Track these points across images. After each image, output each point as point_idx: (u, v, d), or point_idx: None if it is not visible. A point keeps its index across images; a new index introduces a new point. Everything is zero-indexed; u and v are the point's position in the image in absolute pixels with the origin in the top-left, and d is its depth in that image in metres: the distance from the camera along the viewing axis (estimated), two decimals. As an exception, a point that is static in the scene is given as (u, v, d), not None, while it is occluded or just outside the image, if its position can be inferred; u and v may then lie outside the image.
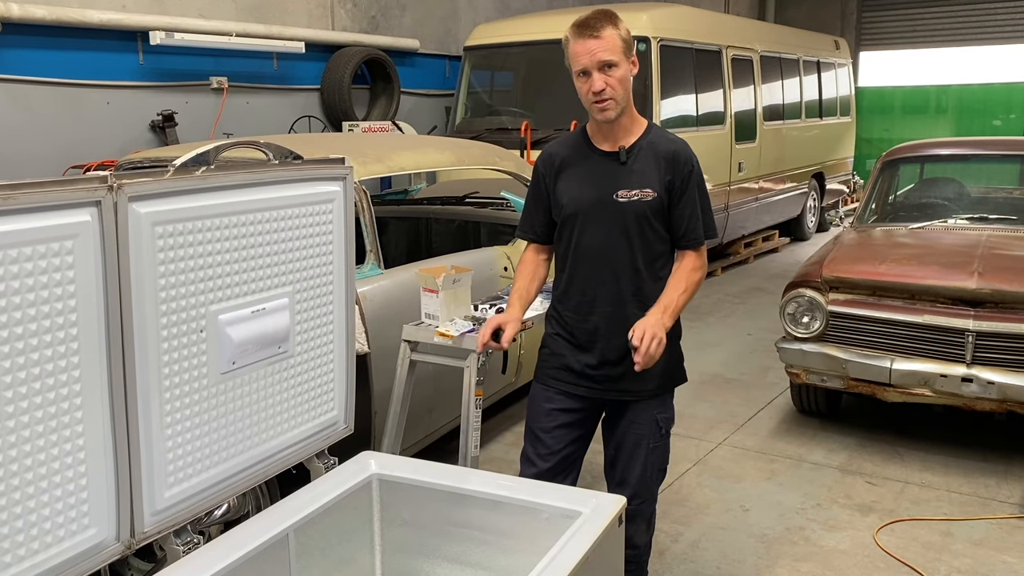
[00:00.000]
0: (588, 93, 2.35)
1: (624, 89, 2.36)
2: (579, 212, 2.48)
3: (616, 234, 2.45)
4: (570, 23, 2.40)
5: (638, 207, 2.43)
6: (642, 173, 2.43)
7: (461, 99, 8.24)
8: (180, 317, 1.79)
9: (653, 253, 2.48)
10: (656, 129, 2.53)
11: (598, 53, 2.30)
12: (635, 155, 2.45)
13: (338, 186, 2.19)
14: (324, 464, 2.27)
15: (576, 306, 2.55)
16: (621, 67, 2.33)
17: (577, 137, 2.57)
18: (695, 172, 2.48)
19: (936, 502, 3.90)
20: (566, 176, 2.52)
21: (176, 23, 6.35)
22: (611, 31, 2.32)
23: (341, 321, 2.27)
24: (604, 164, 2.48)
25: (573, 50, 2.35)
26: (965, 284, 4.11)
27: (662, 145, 2.47)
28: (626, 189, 2.43)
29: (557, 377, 2.60)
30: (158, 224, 1.72)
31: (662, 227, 2.48)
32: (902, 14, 14.42)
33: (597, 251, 2.48)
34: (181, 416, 1.84)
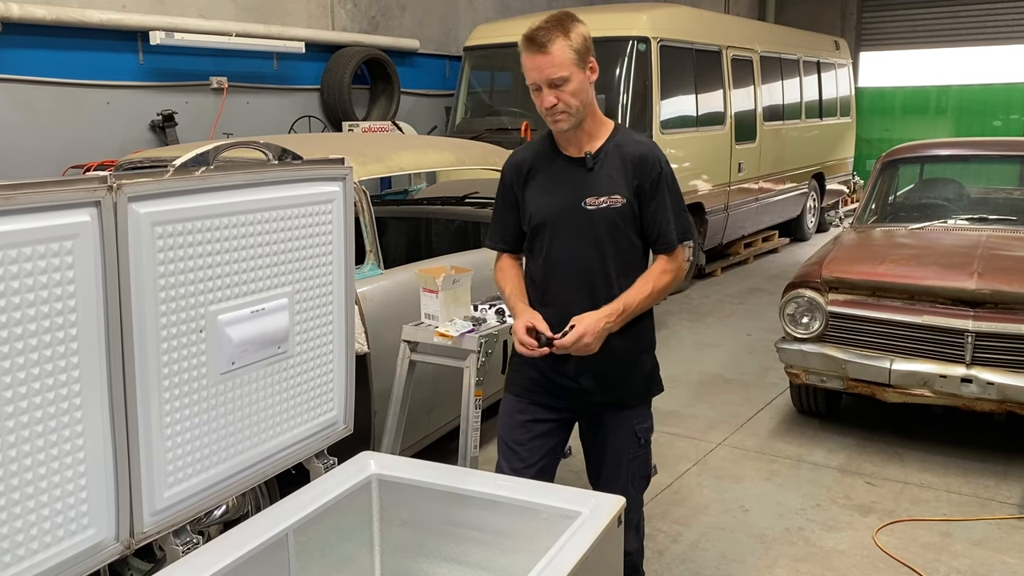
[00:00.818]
0: (541, 106, 2.30)
1: (579, 100, 2.29)
2: (548, 221, 2.41)
3: (587, 243, 2.39)
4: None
5: (607, 214, 2.36)
6: (609, 179, 2.37)
7: (461, 99, 8.24)
8: (180, 317, 1.79)
9: (626, 260, 2.42)
10: (623, 131, 2.46)
11: (546, 70, 2.23)
12: (601, 160, 2.38)
13: (338, 186, 2.19)
14: (323, 464, 2.27)
15: (549, 317, 2.42)
16: (573, 80, 2.25)
17: (544, 142, 2.49)
18: (664, 173, 2.41)
19: (935, 503, 3.91)
20: (533, 184, 2.45)
21: (176, 23, 6.36)
22: (560, 44, 2.22)
23: (341, 321, 2.27)
24: (570, 171, 2.40)
25: (523, 63, 2.28)
26: (965, 285, 4.12)
27: (629, 148, 2.40)
28: (594, 196, 2.36)
29: (531, 388, 2.53)
30: (158, 224, 1.72)
31: (634, 233, 2.41)
32: (902, 14, 14.43)
33: (569, 261, 2.41)
34: (181, 416, 1.84)
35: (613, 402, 2.51)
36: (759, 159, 9.37)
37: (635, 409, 2.55)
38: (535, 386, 2.53)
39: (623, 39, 7.47)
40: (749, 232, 9.70)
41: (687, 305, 7.81)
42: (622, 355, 2.46)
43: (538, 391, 2.52)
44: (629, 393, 2.52)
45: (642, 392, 2.56)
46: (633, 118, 7.34)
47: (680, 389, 5.51)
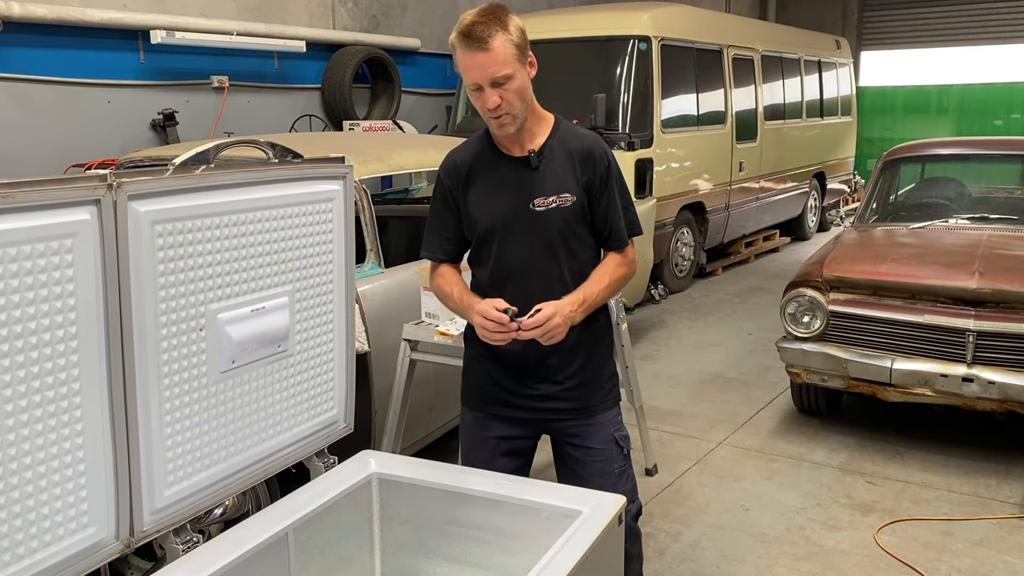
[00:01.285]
0: (483, 107, 2.12)
1: (522, 100, 2.13)
2: (496, 226, 2.24)
3: (539, 247, 2.23)
4: (454, 28, 2.10)
5: (558, 215, 2.22)
6: (556, 177, 2.22)
7: (462, 98, 8.23)
8: (180, 316, 1.79)
9: (580, 261, 2.27)
10: (564, 125, 2.30)
11: (489, 68, 2.05)
12: (547, 158, 2.23)
13: (338, 185, 2.19)
14: (324, 463, 2.27)
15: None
16: (516, 78, 2.09)
17: (481, 142, 2.30)
18: (612, 167, 2.28)
19: (936, 502, 3.90)
20: (475, 188, 2.27)
21: (177, 22, 6.36)
22: (501, 39, 2.05)
23: (341, 320, 2.26)
24: (515, 171, 2.23)
25: (461, 62, 2.09)
26: (966, 284, 4.11)
27: (573, 142, 2.25)
28: (542, 196, 2.21)
29: (488, 401, 2.37)
30: (158, 223, 1.72)
31: (586, 231, 2.28)
32: (903, 14, 14.42)
33: (521, 268, 2.24)
34: (181, 415, 1.84)
35: (581, 408, 2.34)
36: (760, 158, 9.37)
37: (608, 414, 2.38)
38: (493, 399, 2.36)
39: (624, 38, 7.46)
40: (750, 231, 9.69)
41: (688, 304, 7.81)
42: (584, 353, 2.32)
43: (497, 403, 2.35)
44: (596, 396, 2.36)
45: (608, 394, 2.40)
46: (634, 117, 7.34)
47: (681, 388, 5.51)
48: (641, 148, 7.23)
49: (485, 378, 2.36)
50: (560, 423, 2.35)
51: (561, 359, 2.28)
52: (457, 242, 2.36)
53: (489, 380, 2.35)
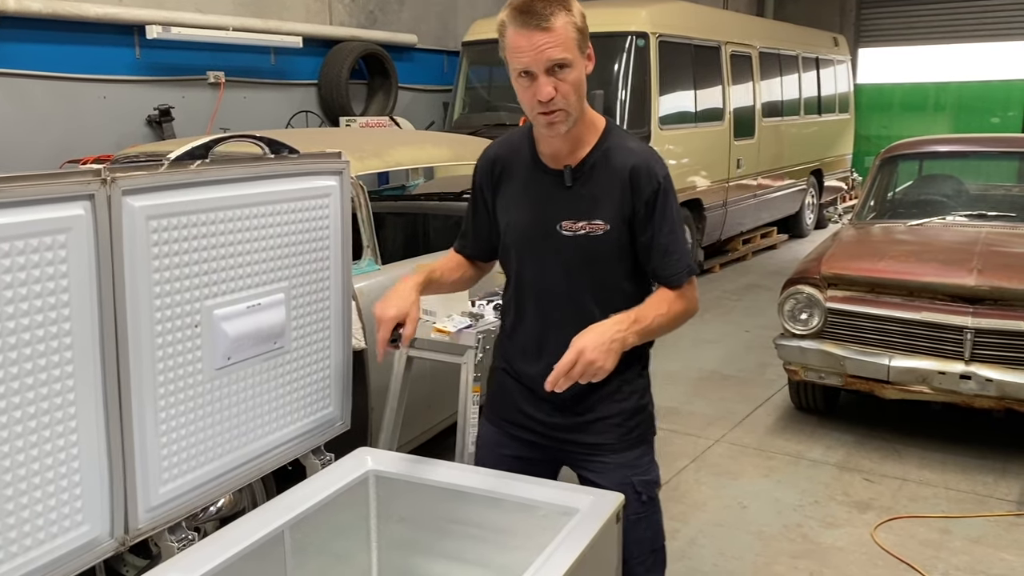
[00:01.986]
0: (532, 100, 1.81)
1: (578, 96, 1.83)
2: (516, 242, 2.03)
3: (560, 273, 1.98)
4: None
5: (585, 244, 1.94)
6: (592, 200, 1.93)
7: (459, 94, 8.22)
8: (174, 312, 1.78)
9: (611, 291, 1.99)
10: (615, 134, 1.99)
11: (547, 50, 1.75)
12: (586, 175, 1.94)
13: (334, 180, 2.17)
14: (320, 460, 2.26)
15: (523, 348, 2.11)
16: (575, 67, 1.80)
17: (523, 140, 2.04)
18: (662, 190, 1.93)
19: (934, 499, 3.90)
20: (505, 190, 2.05)
21: (173, 17, 6.33)
22: (564, 19, 1.76)
23: (338, 317, 2.25)
24: (547, 184, 1.97)
25: (513, 43, 1.78)
26: (964, 281, 4.11)
27: (620, 160, 1.93)
28: (571, 220, 1.94)
29: (507, 419, 2.19)
30: (152, 218, 1.70)
31: (620, 264, 1.99)
32: (901, 11, 14.41)
33: (541, 290, 2.02)
34: (176, 412, 1.82)
35: (596, 444, 2.11)
36: (758, 155, 9.36)
37: (627, 455, 2.12)
38: (509, 416, 2.19)
39: (622, 34, 7.45)
40: (748, 228, 9.69)
41: (685, 301, 7.79)
42: (606, 386, 2.05)
43: (513, 423, 2.18)
44: (613, 433, 2.10)
45: (629, 434, 2.12)
46: (632, 114, 7.32)
47: (678, 385, 5.50)
48: (639, 145, 7.21)
49: (504, 395, 2.19)
50: (575, 456, 2.15)
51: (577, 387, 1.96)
52: (485, 242, 2.16)
53: (508, 398, 2.18)
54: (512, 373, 2.17)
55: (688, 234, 8.24)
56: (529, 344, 2.08)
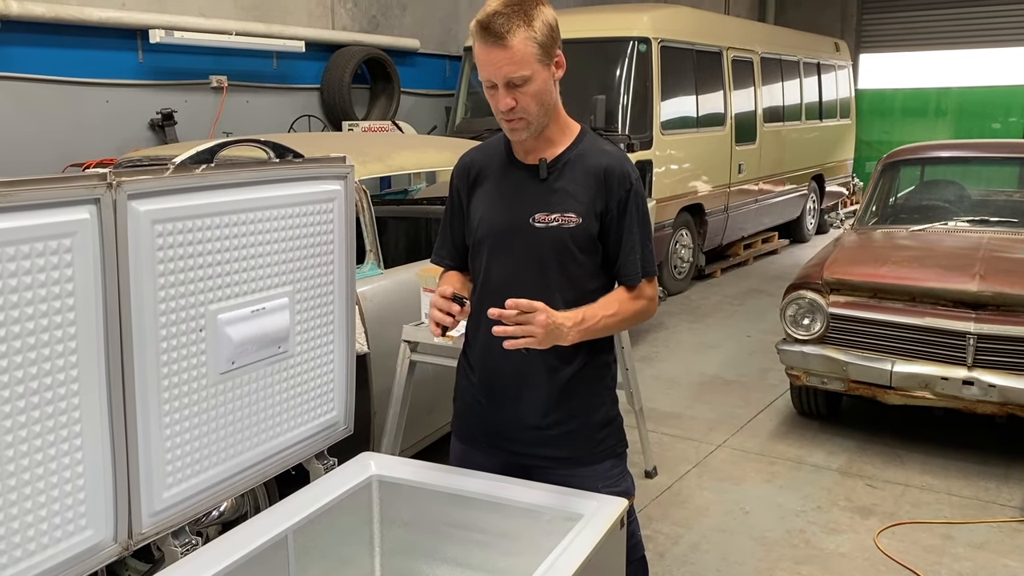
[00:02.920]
0: (496, 108, 1.92)
1: (539, 104, 1.91)
2: (488, 237, 2.05)
3: (530, 267, 2.01)
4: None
5: (557, 235, 1.98)
6: (565, 193, 1.99)
7: (461, 99, 8.23)
8: (179, 316, 1.78)
9: (579, 291, 2.02)
10: (589, 138, 2.07)
11: (504, 67, 1.85)
12: (559, 170, 2.00)
13: (339, 185, 2.17)
14: (324, 465, 2.26)
15: (485, 352, 2.09)
16: (535, 80, 1.88)
17: (499, 144, 2.10)
18: (634, 191, 2.01)
19: (936, 505, 3.89)
20: (480, 191, 2.08)
21: (176, 21, 6.34)
22: (522, 35, 1.84)
23: (341, 321, 2.25)
24: (521, 180, 2.03)
25: (477, 56, 1.90)
26: (967, 287, 4.10)
27: (593, 159, 2.01)
28: (544, 212, 1.98)
29: (475, 434, 2.19)
30: (158, 222, 1.71)
31: (591, 260, 2.03)
32: (902, 17, 14.43)
33: (507, 287, 1.98)
34: (180, 416, 1.82)
35: (563, 458, 2.11)
36: (759, 160, 9.37)
37: (597, 468, 2.12)
38: (477, 429, 2.18)
39: (624, 39, 7.46)
40: (749, 233, 9.69)
41: (687, 306, 7.80)
42: (572, 396, 2.07)
43: (477, 437, 2.18)
44: (583, 446, 2.10)
45: (599, 446, 2.12)
46: (633, 119, 7.33)
47: (680, 390, 5.50)
48: (641, 149, 7.23)
49: (470, 409, 2.18)
50: (544, 469, 2.12)
51: (543, 397, 2.07)
52: (464, 249, 2.17)
53: (474, 412, 2.17)
54: (475, 383, 2.15)
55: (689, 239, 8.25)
56: (492, 348, 2.00)
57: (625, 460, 2.22)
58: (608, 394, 2.16)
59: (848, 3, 14.69)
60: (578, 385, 2.09)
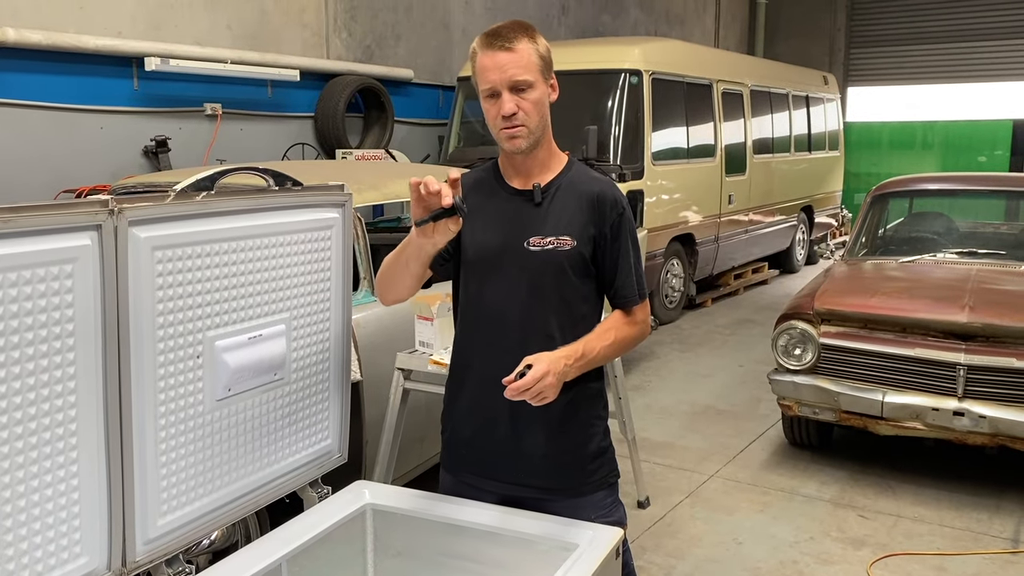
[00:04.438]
0: (496, 118, 1.95)
1: (539, 115, 1.97)
2: (481, 262, 2.04)
3: (525, 291, 2.00)
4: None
5: (553, 258, 1.99)
6: (559, 217, 2.01)
7: (454, 128, 8.29)
8: (177, 343, 1.78)
9: (573, 316, 2.04)
10: (578, 166, 2.11)
11: (510, 70, 1.91)
12: (552, 195, 2.03)
13: (337, 212, 2.19)
14: (318, 493, 2.25)
15: (477, 380, 2.07)
16: (537, 88, 1.94)
17: (486, 171, 2.14)
18: (625, 217, 2.06)
19: (929, 536, 3.89)
20: (471, 217, 2.01)
21: (172, 50, 6.38)
22: (527, 44, 1.94)
23: (337, 348, 2.25)
24: (514, 204, 2.04)
25: (480, 64, 1.95)
26: (956, 318, 4.14)
27: (585, 185, 2.04)
28: (539, 236, 1.99)
29: (463, 465, 2.16)
30: (158, 248, 1.71)
31: (585, 285, 2.05)
32: (889, 51, 14.67)
33: (501, 311, 2.01)
34: (176, 443, 1.82)
35: (554, 488, 2.09)
36: (749, 191, 9.44)
37: (590, 499, 2.11)
38: (465, 462, 2.15)
39: (616, 71, 7.55)
40: (739, 263, 9.74)
41: (678, 335, 7.81)
42: (563, 425, 2.07)
43: (469, 469, 2.15)
44: (575, 476, 2.10)
45: (591, 476, 2.12)
46: (625, 149, 7.40)
47: (672, 420, 5.50)
48: (632, 180, 7.29)
49: (458, 436, 2.15)
50: (535, 501, 2.10)
51: (534, 428, 2.05)
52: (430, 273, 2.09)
53: (462, 439, 2.14)
54: (464, 410, 2.13)
55: (680, 268, 8.29)
56: (484, 374, 2.02)
57: (617, 490, 2.22)
58: (600, 424, 2.16)
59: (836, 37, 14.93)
60: (571, 414, 2.08)
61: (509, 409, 2.02)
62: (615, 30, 11.76)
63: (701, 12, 14.16)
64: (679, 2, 13.46)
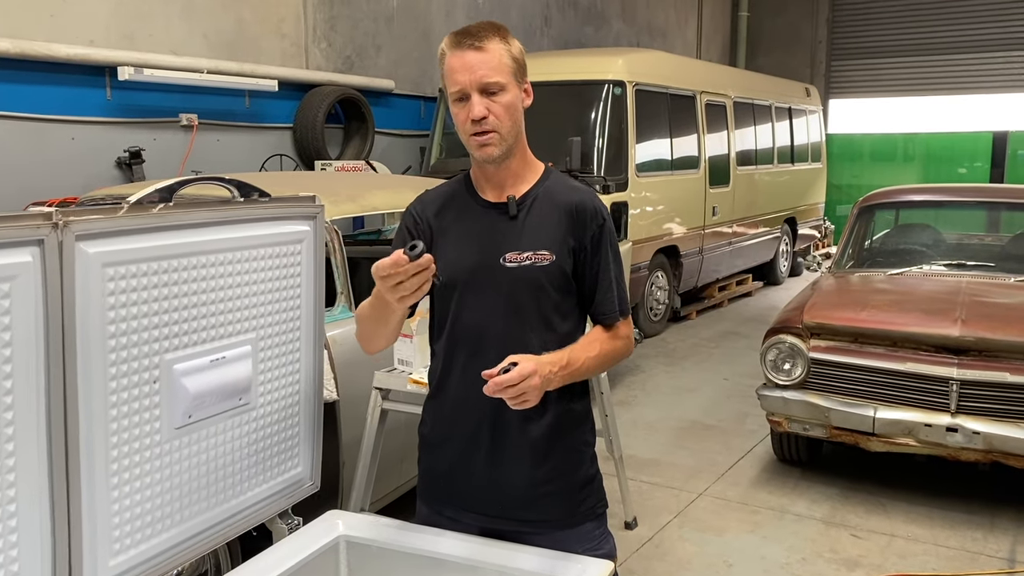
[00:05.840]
0: (466, 122, 1.80)
1: (512, 120, 1.82)
2: (456, 281, 1.89)
3: (503, 309, 1.87)
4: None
5: (531, 274, 1.86)
6: (537, 230, 1.87)
7: (436, 139, 8.18)
8: (131, 367, 1.64)
9: (555, 334, 1.90)
10: (555, 175, 1.98)
11: (479, 70, 1.78)
12: (528, 207, 1.90)
13: (308, 225, 2.06)
14: (288, 524, 2.11)
15: (454, 404, 1.94)
16: (509, 91, 1.80)
17: (457, 184, 1.99)
18: (606, 228, 1.92)
19: (923, 556, 3.79)
20: (442, 234, 1.92)
21: (146, 59, 6.23)
22: (499, 45, 1.81)
23: (309, 370, 2.12)
24: (489, 218, 1.90)
25: (449, 65, 1.83)
26: (948, 332, 4.06)
27: (563, 196, 1.91)
28: (516, 251, 1.86)
29: (440, 496, 2.01)
30: (109, 265, 1.58)
31: (566, 300, 1.92)
32: (870, 63, 14.73)
33: (479, 332, 1.88)
34: (130, 476, 1.68)
35: (539, 520, 1.94)
36: (733, 203, 9.39)
37: (578, 531, 1.97)
38: (442, 492, 2.01)
39: (599, 82, 7.47)
40: (723, 275, 9.68)
41: (663, 348, 7.71)
42: (548, 451, 1.92)
43: (445, 500, 2.00)
44: (561, 508, 1.95)
45: (580, 507, 1.97)
46: (609, 161, 7.31)
47: (659, 436, 5.38)
48: (616, 191, 7.20)
49: (436, 464, 2.00)
50: (518, 534, 1.95)
51: (517, 456, 1.91)
52: None
53: (440, 467, 1.99)
54: (441, 438, 1.99)
55: (665, 281, 8.20)
56: (461, 398, 1.90)
57: (606, 520, 2.08)
58: (588, 450, 2.02)
59: (817, 50, 14.98)
60: (555, 440, 1.94)
61: (490, 436, 1.89)
62: (598, 42, 11.71)
63: (683, 25, 14.15)
64: (661, 15, 13.45)
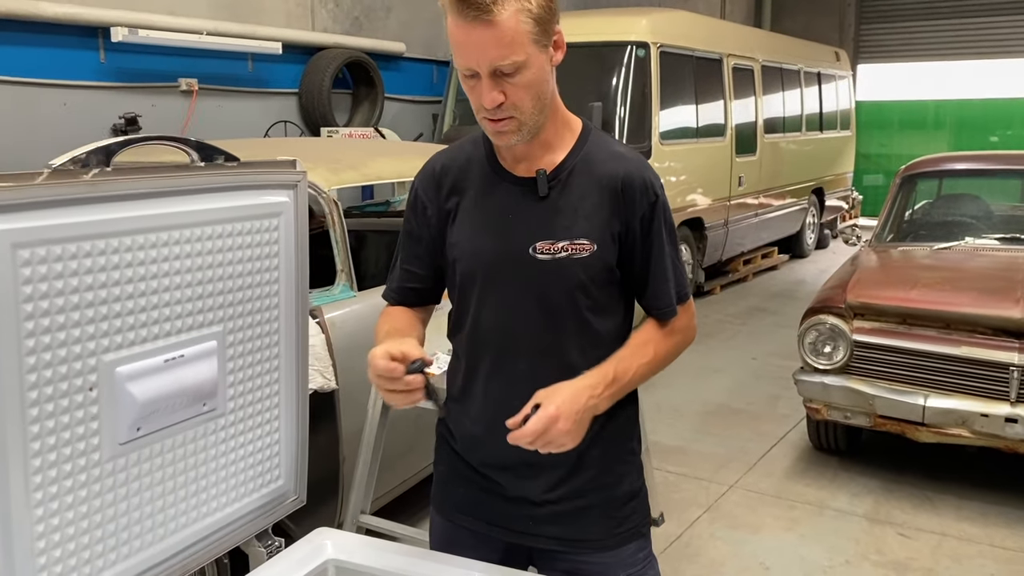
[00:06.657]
0: (478, 103, 1.47)
1: (535, 98, 1.46)
2: (476, 273, 1.58)
3: (534, 310, 1.56)
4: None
5: (567, 269, 1.53)
6: (573, 213, 1.54)
7: (449, 106, 7.80)
8: (57, 373, 1.33)
9: (595, 336, 1.59)
10: (595, 138, 1.60)
11: (490, 51, 1.39)
12: (562, 183, 1.55)
13: (286, 196, 1.73)
14: (266, 547, 1.80)
15: (478, 414, 1.63)
16: (530, 66, 1.42)
17: (476, 147, 1.64)
18: (659, 205, 1.57)
19: (979, 559, 3.46)
20: (460, 209, 1.61)
21: (141, 19, 5.89)
22: (513, 7, 1.38)
23: (289, 367, 1.80)
24: (515, 197, 1.56)
25: (453, 34, 1.42)
26: (1010, 313, 3.69)
27: (605, 166, 1.55)
28: (548, 240, 1.53)
29: (461, 509, 1.72)
30: (23, 246, 1.26)
31: (611, 294, 1.60)
32: (901, 27, 14.13)
33: (505, 334, 1.58)
34: (61, 504, 1.37)
35: (577, 540, 1.66)
36: (759, 173, 8.98)
37: (620, 552, 1.67)
38: (465, 505, 1.72)
39: (621, 44, 7.06)
40: (748, 248, 9.29)
41: (686, 326, 7.37)
42: (587, 462, 1.63)
43: (469, 514, 1.72)
44: (601, 525, 1.65)
45: (621, 525, 1.67)
46: (631, 128, 6.92)
47: (684, 421, 5.06)
48: (639, 160, 6.82)
49: (454, 478, 1.72)
50: (550, 554, 1.68)
51: (550, 463, 1.58)
52: (422, 280, 1.69)
53: (458, 482, 1.71)
54: (464, 450, 1.70)
55: (688, 254, 7.84)
56: (487, 409, 1.61)
57: (650, 540, 1.75)
58: (633, 460, 1.71)
59: (846, 12, 14.38)
60: (596, 448, 1.62)
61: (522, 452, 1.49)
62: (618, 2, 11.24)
63: (706, -15, 13.61)
64: (683, -26, 12.93)
